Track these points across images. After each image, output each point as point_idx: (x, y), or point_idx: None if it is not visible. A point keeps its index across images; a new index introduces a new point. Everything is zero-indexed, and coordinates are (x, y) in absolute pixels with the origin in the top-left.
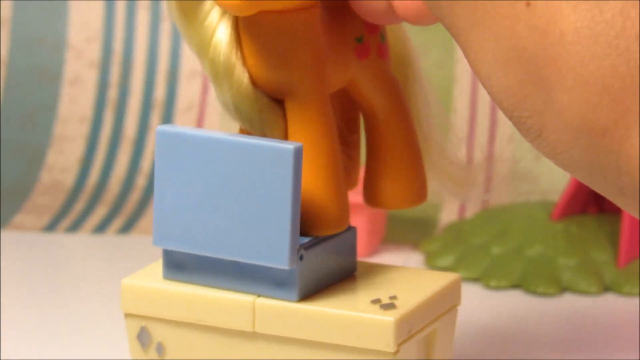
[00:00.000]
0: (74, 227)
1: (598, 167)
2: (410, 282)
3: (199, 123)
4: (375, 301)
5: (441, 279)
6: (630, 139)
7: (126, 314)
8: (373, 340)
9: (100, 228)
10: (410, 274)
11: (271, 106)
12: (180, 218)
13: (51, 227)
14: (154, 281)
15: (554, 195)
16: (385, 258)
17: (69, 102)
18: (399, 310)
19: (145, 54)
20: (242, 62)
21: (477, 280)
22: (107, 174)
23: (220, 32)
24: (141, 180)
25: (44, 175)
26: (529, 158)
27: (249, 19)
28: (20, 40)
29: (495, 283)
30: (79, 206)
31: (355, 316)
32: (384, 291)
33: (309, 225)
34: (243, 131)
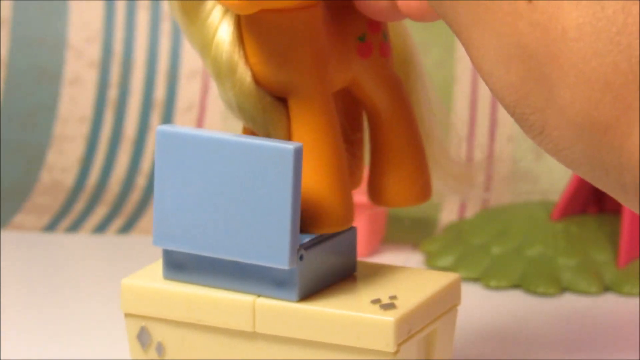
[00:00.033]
0: (74, 227)
1: (600, 164)
2: (410, 282)
3: (199, 123)
4: (375, 301)
5: (441, 279)
6: (632, 136)
7: (126, 314)
8: (373, 340)
9: (100, 228)
10: (410, 274)
11: (274, 105)
12: (180, 218)
13: (51, 227)
14: (154, 281)
15: (554, 195)
16: (385, 258)
17: (69, 102)
18: (399, 310)
19: (145, 54)
20: (244, 61)
21: (477, 280)
22: (107, 174)
23: (223, 30)
24: (141, 180)
25: (44, 175)
26: (529, 158)
27: (251, 18)
28: (20, 40)
29: (495, 283)
30: (79, 206)
31: (355, 316)
32: (384, 291)
33: (313, 224)
34: (247, 130)
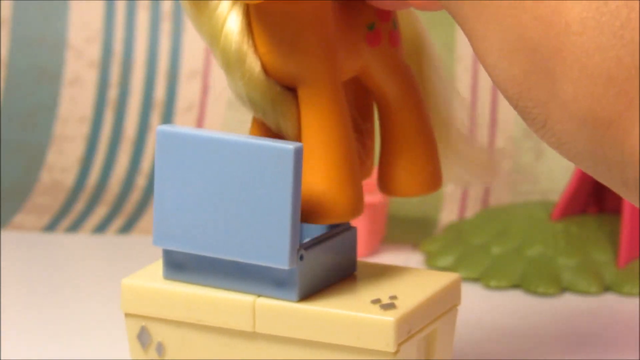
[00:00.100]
0: (74, 227)
1: (602, 158)
2: (410, 282)
3: (199, 123)
4: (376, 301)
5: (441, 279)
6: (635, 131)
7: (126, 314)
8: (373, 340)
9: (100, 228)
10: (410, 274)
11: (284, 95)
12: (180, 218)
13: (51, 227)
14: (154, 281)
15: (554, 195)
16: (385, 258)
17: (69, 102)
18: (399, 310)
19: (145, 54)
20: (253, 51)
21: (477, 280)
22: (107, 174)
23: (231, 21)
24: (141, 180)
25: (44, 175)
26: (529, 158)
27: (259, 7)
28: (20, 40)
29: (495, 283)
30: (79, 206)
31: (355, 316)
32: (384, 291)
33: (323, 214)
34: (256, 120)
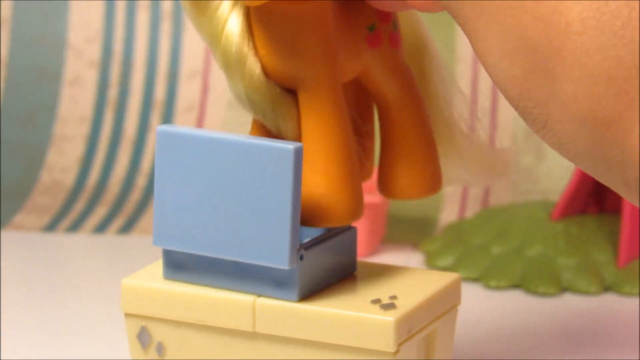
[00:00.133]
0: (74, 227)
1: (603, 158)
2: (410, 282)
3: (199, 123)
4: (375, 301)
5: (441, 279)
6: (635, 131)
7: (126, 314)
8: (373, 340)
9: (100, 228)
10: (410, 274)
11: (284, 97)
12: (180, 218)
13: (51, 227)
14: (154, 281)
15: (554, 195)
16: (385, 258)
17: (69, 102)
18: (399, 310)
19: (145, 54)
20: (254, 53)
21: (477, 280)
22: (107, 174)
23: (232, 22)
24: (141, 180)
25: (44, 175)
26: (529, 158)
27: (260, 9)
28: (20, 40)
29: (495, 283)
30: (79, 206)
31: (355, 316)
32: (384, 291)
33: (323, 216)
34: (256, 122)
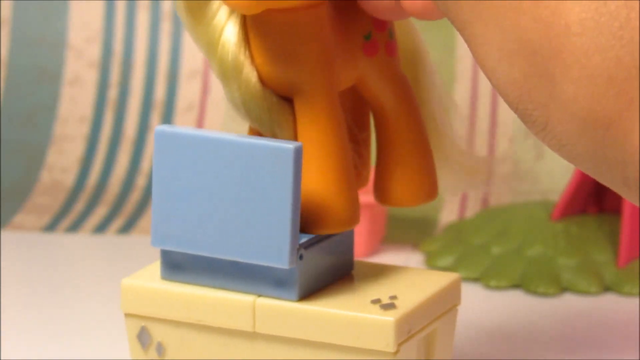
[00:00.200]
0: (74, 227)
1: (603, 159)
2: (410, 282)
3: (199, 123)
4: (376, 301)
5: (441, 279)
6: (635, 131)
7: (126, 314)
8: (373, 340)
9: (100, 228)
10: (410, 274)
11: (280, 105)
12: (179, 218)
13: (51, 227)
14: (154, 281)
15: (554, 195)
16: (385, 258)
17: (69, 102)
18: (399, 310)
19: (145, 54)
20: (250, 61)
21: (477, 280)
22: (107, 174)
23: (228, 31)
24: (141, 180)
25: (44, 175)
26: (529, 158)
27: (256, 18)
28: (20, 40)
29: (495, 283)
30: (79, 206)
31: (355, 316)
32: (384, 291)
33: (319, 224)
34: (253, 130)
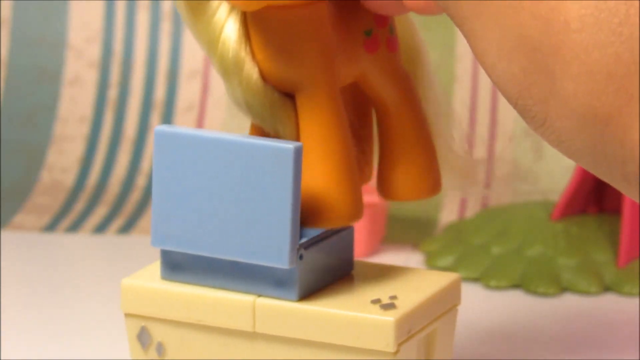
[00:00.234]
0: (74, 227)
1: (602, 155)
2: (410, 282)
3: (199, 123)
4: (375, 301)
5: (441, 279)
6: (635, 127)
7: (126, 314)
8: (373, 340)
9: (100, 228)
10: (410, 274)
11: (282, 101)
12: (179, 218)
13: (51, 227)
14: (154, 281)
15: (554, 195)
16: (385, 258)
17: (69, 102)
18: (399, 310)
19: (145, 54)
20: (251, 57)
21: (477, 280)
22: (107, 174)
23: (229, 27)
24: (141, 180)
25: (44, 175)
26: (529, 158)
27: (257, 14)
28: (20, 40)
29: (495, 283)
30: (79, 206)
31: (355, 316)
32: (384, 291)
33: (322, 218)
34: (255, 127)
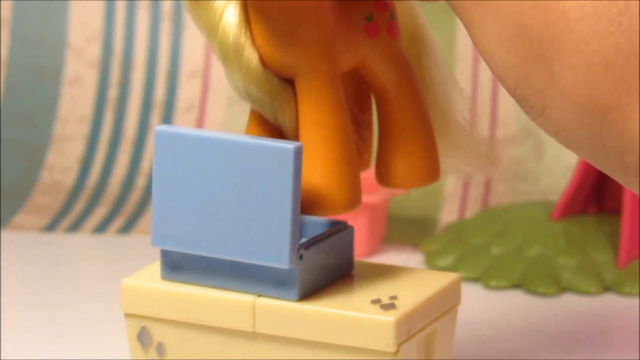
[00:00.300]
0: (74, 227)
1: (601, 145)
2: (410, 282)
3: (199, 123)
4: (376, 301)
5: (441, 279)
6: (633, 117)
7: (126, 314)
8: (373, 340)
9: (100, 228)
10: (410, 274)
11: (282, 87)
12: (179, 218)
13: (51, 227)
14: (154, 281)
15: (554, 195)
16: (385, 258)
17: (69, 102)
18: (399, 310)
19: (145, 54)
20: (251, 43)
21: (477, 280)
22: (107, 174)
23: (229, 13)
24: (141, 180)
25: (44, 175)
26: (529, 158)
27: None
28: (20, 40)
29: (495, 283)
30: (79, 206)
31: (355, 316)
32: (384, 291)
33: (321, 206)
34: (254, 113)
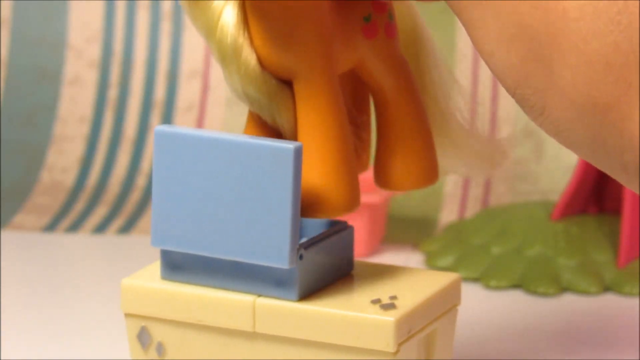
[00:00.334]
0: (74, 227)
1: (601, 144)
2: (410, 282)
3: (199, 123)
4: (376, 301)
5: (441, 279)
6: (633, 116)
7: (126, 314)
8: (373, 340)
9: (100, 228)
10: (410, 274)
11: (280, 88)
12: (179, 218)
13: (51, 227)
14: (154, 281)
15: (554, 195)
16: (385, 258)
17: (69, 102)
18: (399, 310)
19: (145, 54)
20: (249, 44)
21: (477, 280)
22: (107, 174)
23: (227, 13)
24: (141, 180)
25: (44, 175)
26: (529, 158)
27: (255, 0)
28: (20, 40)
29: (495, 283)
30: (79, 206)
31: (355, 316)
32: (384, 291)
33: (319, 208)
34: (252, 115)
